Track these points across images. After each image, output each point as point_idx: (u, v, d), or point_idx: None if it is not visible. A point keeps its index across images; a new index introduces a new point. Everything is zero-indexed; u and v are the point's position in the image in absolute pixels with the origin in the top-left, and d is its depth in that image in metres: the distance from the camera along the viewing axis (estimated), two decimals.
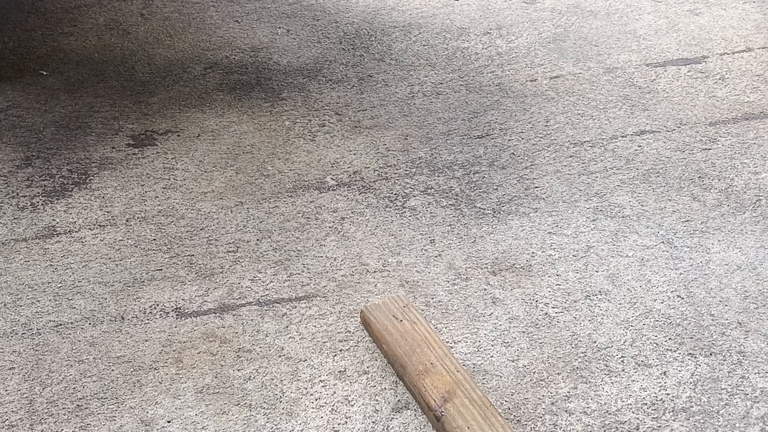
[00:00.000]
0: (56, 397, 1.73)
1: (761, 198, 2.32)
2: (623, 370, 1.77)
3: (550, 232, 2.20)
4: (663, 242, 2.15)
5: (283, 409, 1.70)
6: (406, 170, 2.49)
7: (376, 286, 2.03)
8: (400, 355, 1.73)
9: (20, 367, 1.81)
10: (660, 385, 1.73)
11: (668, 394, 1.71)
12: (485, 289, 2.01)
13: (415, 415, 1.67)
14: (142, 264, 2.11)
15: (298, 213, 2.30)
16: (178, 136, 2.69)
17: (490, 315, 1.93)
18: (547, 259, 2.10)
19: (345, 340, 1.86)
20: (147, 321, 1.93)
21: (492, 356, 1.81)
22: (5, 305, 1.98)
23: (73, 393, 1.74)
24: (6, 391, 1.75)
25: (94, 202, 2.36)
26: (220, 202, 2.36)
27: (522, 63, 3.12)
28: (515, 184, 2.41)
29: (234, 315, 1.94)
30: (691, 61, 3.09)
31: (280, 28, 3.46)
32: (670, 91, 2.89)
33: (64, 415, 1.69)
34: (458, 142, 2.63)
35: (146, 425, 1.67)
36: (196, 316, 1.94)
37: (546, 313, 1.93)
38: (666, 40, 3.26)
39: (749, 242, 2.15)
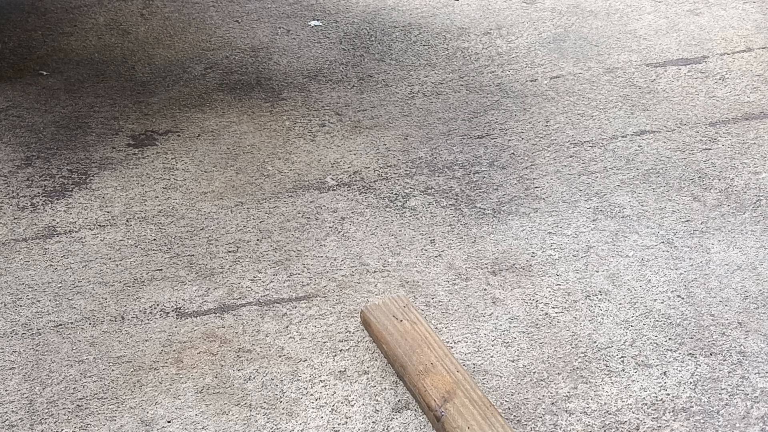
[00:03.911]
0: (56, 397, 1.73)
1: (761, 198, 2.32)
2: (623, 370, 1.77)
3: (550, 232, 2.20)
4: (663, 242, 2.15)
5: (283, 409, 1.70)
6: (406, 170, 2.49)
7: (376, 286, 2.03)
8: (400, 355, 1.73)
9: (20, 367, 1.81)
10: (660, 385, 1.73)
11: (668, 394, 1.71)
12: (485, 289, 2.01)
13: (415, 415, 1.67)
14: (142, 264, 2.11)
15: (298, 213, 2.30)
16: (178, 136, 2.69)
17: (490, 315, 1.93)
18: (547, 259, 2.10)
19: (345, 340, 1.86)
20: (147, 321, 1.93)
21: (492, 356, 1.81)
22: (5, 305, 1.98)
23: (73, 393, 1.74)
24: (6, 391, 1.75)
25: (94, 202, 2.36)
26: (220, 202, 2.36)
27: (522, 63, 3.12)
28: (515, 184, 2.41)
29: (234, 315, 1.94)
30: (691, 61, 3.09)
31: (280, 28, 3.46)
32: (670, 91, 2.89)
33: (64, 415, 1.69)
34: (458, 142, 2.63)
35: (146, 425, 1.67)
36: (196, 316, 1.94)
37: (546, 313, 1.93)
38: (666, 40, 3.26)
39: (749, 242, 2.15)
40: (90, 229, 2.25)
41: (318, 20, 3.49)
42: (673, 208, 2.29)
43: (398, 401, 1.70)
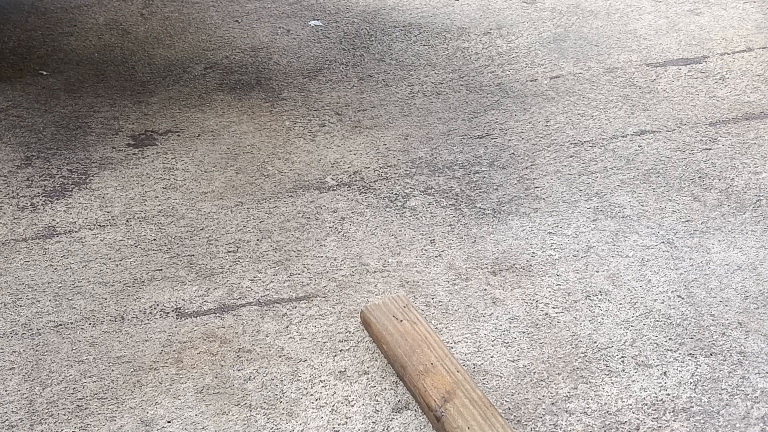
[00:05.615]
0: (56, 397, 1.73)
1: (761, 198, 2.32)
2: (623, 370, 1.77)
3: (550, 232, 2.20)
4: (663, 242, 2.15)
5: (283, 409, 1.69)
6: (406, 170, 2.49)
7: (376, 286, 2.03)
8: (400, 355, 1.73)
9: (20, 367, 1.81)
10: (660, 385, 1.73)
11: (668, 395, 1.71)
12: (485, 289, 2.01)
13: (415, 415, 1.67)
14: (142, 264, 2.11)
15: (298, 213, 2.30)
16: (178, 136, 2.69)
17: (490, 315, 1.93)
18: (547, 259, 2.10)
19: (345, 341, 1.86)
20: (147, 321, 1.93)
21: (492, 356, 1.81)
22: (5, 305, 1.98)
23: (73, 393, 1.74)
24: (6, 391, 1.75)
25: (94, 202, 2.36)
26: (220, 202, 2.36)
27: (522, 63, 3.12)
28: (515, 184, 2.41)
29: (234, 315, 1.94)
30: (691, 61, 3.09)
31: (280, 28, 3.46)
32: (671, 91, 2.89)
33: (64, 415, 1.69)
34: (458, 142, 2.62)
35: (146, 425, 1.67)
36: (196, 316, 1.94)
37: (546, 314, 1.93)
38: (666, 40, 3.26)
39: (749, 242, 2.15)
40: (90, 229, 2.25)
41: (318, 20, 3.50)
42: (673, 208, 2.29)
43: (398, 401, 1.70)
